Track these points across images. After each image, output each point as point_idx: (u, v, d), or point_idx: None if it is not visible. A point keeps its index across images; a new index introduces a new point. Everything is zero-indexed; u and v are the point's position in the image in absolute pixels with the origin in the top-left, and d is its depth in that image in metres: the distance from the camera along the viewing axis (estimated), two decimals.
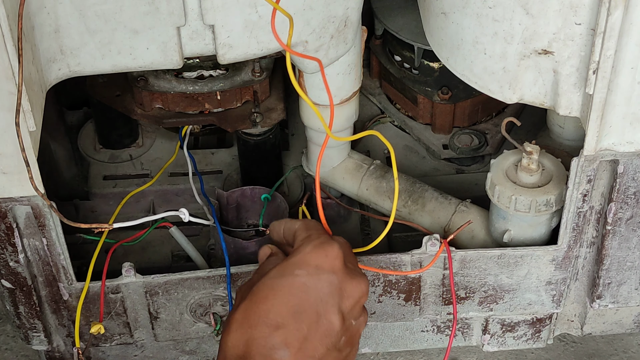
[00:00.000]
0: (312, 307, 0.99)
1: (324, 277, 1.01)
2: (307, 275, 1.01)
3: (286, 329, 0.97)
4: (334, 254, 1.03)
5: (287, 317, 0.98)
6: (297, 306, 0.99)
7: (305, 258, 1.02)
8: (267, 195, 1.34)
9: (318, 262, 1.02)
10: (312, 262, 1.01)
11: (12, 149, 1.04)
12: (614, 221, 1.20)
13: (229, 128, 1.34)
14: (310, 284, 1.00)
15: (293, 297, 0.99)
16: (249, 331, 0.97)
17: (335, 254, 1.03)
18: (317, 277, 1.01)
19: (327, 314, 1.00)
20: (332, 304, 1.00)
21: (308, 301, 0.99)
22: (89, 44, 1.05)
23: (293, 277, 1.00)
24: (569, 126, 1.32)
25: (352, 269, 1.04)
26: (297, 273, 1.01)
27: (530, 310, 1.32)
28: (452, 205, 1.31)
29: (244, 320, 0.98)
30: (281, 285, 1.00)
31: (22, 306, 1.24)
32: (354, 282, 1.03)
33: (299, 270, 1.01)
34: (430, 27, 1.17)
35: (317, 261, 1.02)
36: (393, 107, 1.53)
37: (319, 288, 1.00)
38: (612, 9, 0.96)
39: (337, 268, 1.02)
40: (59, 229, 1.15)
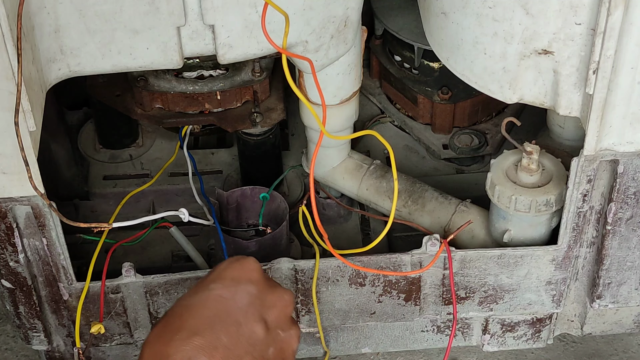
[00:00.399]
0: (231, 317, 0.96)
1: (242, 287, 0.98)
2: (223, 287, 0.98)
3: (203, 337, 0.93)
4: (250, 267, 1.00)
5: (203, 327, 0.94)
6: (214, 317, 0.95)
7: (221, 274, 0.99)
8: (266, 195, 1.34)
9: (234, 275, 0.99)
10: (227, 276, 0.99)
11: (12, 149, 1.04)
12: (614, 221, 1.20)
13: (229, 128, 1.34)
14: (226, 295, 0.97)
15: (208, 309, 0.96)
16: (162, 349, 0.93)
17: (251, 267, 1.01)
18: (234, 288, 0.98)
19: (249, 322, 0.97)
20: (252, 313, 0.97)
21: (225, 311, 0.96)
22: (89, 44, 1.05)
23: (208, 292, 0.97)
24: (569, 126, 1.32)
25: (272, 282, 1.02)
26: (211, 287, 0.98)
27: (530, 310, 1.32)
28: (452, 205, 1.31)
29: (157, 340, 0.94)
30: (196, 302, 0.96)
31: (22, 306, 1.24)
32: (276, 292, 1.01)
33: (214, 285, 0.98)
34: (430, 27, 1.17)
35: (232, 274, 0.99)
36: (393, 107, 1.53)
37: (237, 299, 0.98)
38: (612, 9, 0.96)
39: (255, 279, 1.00)
40: (59, 229, 1.15)
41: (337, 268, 1.25)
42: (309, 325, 1.31)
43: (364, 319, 1.32)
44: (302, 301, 1.28)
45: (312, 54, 1.14)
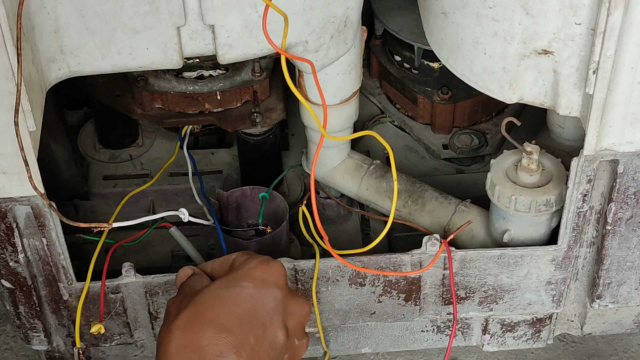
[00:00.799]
0: (259, 319, 0.99)
1: (270, 291, 1.02)
2: (254, 287, 1.01)
3: (234, 335, 0.96)
4: (278, 271, 1.04)
5: (234, 324, 0.97)
6: (244, 316, 0.98)
7: (251, 272, 1.02)
8: (265, 194, 1.34)
9: (264, 276, 1.02)
10: (257, 276, 1.02)
11: (12, 149, 1.04)
12: (614, 221, 1.20)
13: (229, 128, 1.34)
14: (256, 297, 1.00)
15: (240, 307, 0.99)
16: (194, 337, 0.95)
17: (279, 271, 1.04)
18: (264, 291, 1.01)
19: (273, 327, 1.00)
20: (277, 318, 1.01)
21: (254, 312, 0.99)
22: (89, 44, 1.05)
23: (240, 289, 1.00)
24: (569, 126, 1.32)
25: (293, 290, 1.06)
26: (243, 285, 1.01)
27: (530, 310, 1.32)
28: (452, 205, 1.31)
29: (189, 327, 0.96)
30: (228, 296, 0.99)
31: (22, 306, 1.24)
32: (298, 301, 1.05)
33: (245, 283, 1.01)
34: (430, 27, 1.17)
35: (262, 275, 1.02)
36: (393, 107, 1.53)
37: (265, 301, 1.01)
38: (612, 9, 0.96)
39: (282, 284, 1.03)
40: (59, 229, 1.15)
41: (337, 268, 1.25)
42: (309, 325, 1.31)
43: (364, 319, 1.32)
44: None
45: (312, 54, 1.14)
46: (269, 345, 0.99)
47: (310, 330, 1.33)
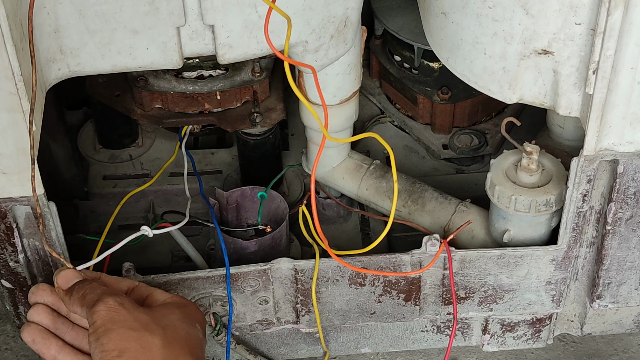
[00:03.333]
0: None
1: (205, 341, 1.09)
2: (202, 334, 1.08)
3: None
4: (204, 321, 1.12)
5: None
6: (201, 358, 1.05)
7: (197, 315, 1.09)
8: (263, 193, 1.34)
9: (203, 325, 1.09)
10: (201, 322, 1.08)
11: (12, 149, 1.04)
12: (613, 221, 1.20)
13: (228, 128, 1.34)
14: (203, 344, 1.07)
15: (200, 349, 1.05)
16: (176, 357, 1.01)
17: (204, 319, 1.12)
18: (204, 340, 1.09)
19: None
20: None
21: (202, 357, 1.06)
22: (88, 44, 1.05)
23: (196, 331, 1.06)
24: (569, 126, 1.32)
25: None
26: (197, 328, 1.07)
27: (530, 310, 1.32)
28: (452, 205, 1.31)
29: (170, 346, 1.01)
30: (193, 334, 1.05)
31: (22, 306, 1.24)
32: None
33: (198, 326, 1.07)
34: (430, 27, 1.17)
35: (202, 323, 1.09)
36: (393, 107, 1.53)
37: (204, 349, 1.07)
38: (612, 9, 0.96)
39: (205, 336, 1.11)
40: (58, 229, 1.15)
41: (337, 268, 1.25)
42: (309, 325, 1.31)
43: (363, 319, 1.32)
44: (302, 301, 1.28)
45: (312, 54, 1.14)
46: None
47: (310, 330, 1.33)
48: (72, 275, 1.09)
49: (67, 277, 1.09)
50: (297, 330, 1.35)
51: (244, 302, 1.27)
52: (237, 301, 1.27)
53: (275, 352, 1.39)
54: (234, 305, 1.26)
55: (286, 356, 1.40)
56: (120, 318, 1.01)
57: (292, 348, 1.39)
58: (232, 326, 1.28)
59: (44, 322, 1.09)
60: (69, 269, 1.09)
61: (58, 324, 1.09)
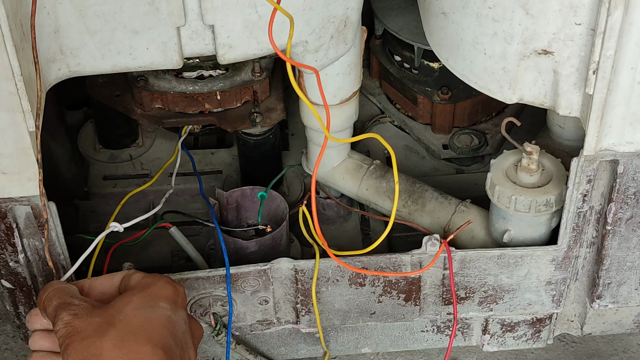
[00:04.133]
0: (178, 341, 1.00)
1: (181, 313, 1.03)
2: (170, 309, 1.01)
3: (168, 357, 0.97)
4: (183, 292, 1.05)
5: (166, 345, 0.98)
6: (170, 338, 0.99)
7: (163, 292, 1.03)
8: (263, 193, 1.34)
9: (174, 298, 1.03)
10: (170, 297, 1.02)
11: (12, 149, 1.04)
12: (613, 221, 1.20)
13: (229, 128, 1.34)
14: (173, 318, 1.01)
15: (165, 329, 0.99)
16: (132, 356, 0.96)
17: (184, 293, 1.05)
18: (177, 313, 1.02)
19: (188, 350, 1.01)
20: (188, 340, 1.02)
21: (175, 335, 1.00)
22: (88, 44, 1.05)
23: (161, 310, 1.01)
24: (569, 126, 1.32)
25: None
26: (162, 306, 1.01)
27: (530, 310, 1.32)
28: (452, 205, 1.31)
29: (123, 345, 0.96)
30: (154, 316, 0.99)
31: (22, 306, 1.24)
32: (196, 323, 1.06)
33: (163, 304, 1.01)
34: (430, 27, 1.17)
35: (173, 296, 1.03)
36: (393, 107, 1.53)
37: (179, 324, 1.01)
38: (612, 9, 0.96)
39: (185, 306, 1.05)
40: (58, 229, 1.15)
41: (337, 268, 1.25)
42: (309, 325, 1.31)
43: (364, 319, 1.32)
44: (302, 301, 1.28)
45: (312, 54, 1.14)
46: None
47: (310, 330, 1.33)
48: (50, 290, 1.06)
49: (46, 291, 1.06)
50: (297, 330, 1.35)
51: (244, 302, 1.27)
52: (237, 301, 1.27)
53: (275, 352, 1.39)
54: (234, 305, 1.26)
55: (286, 356, 1.40)
56: (74, 330, 0.98)
57: (292, 348, 1.39)
58: (232, 326, 1.28)
59: (45, 347, 1.07)
60: (49, 284, 1.06)
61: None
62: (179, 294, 1.04)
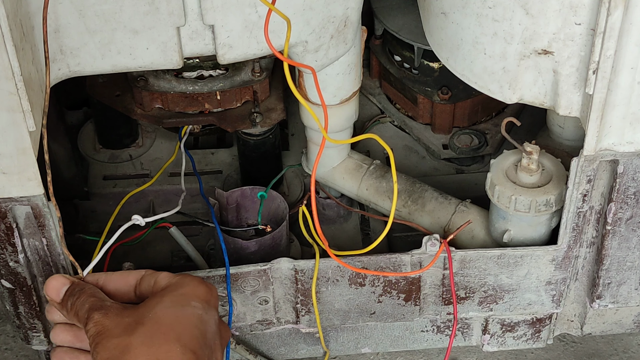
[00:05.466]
0: (208, 342, 0.99)
1: (212, 313, 1.02)
2: (202, 309, 1.01)
3: (197, 357, 0.96)
4: (216, 293, 1.04)
5: (196, 345, 0.97)
6: (200, 338, 0.98)
7: (196, 291, 1.02)
8: (263, 193, 1.34)
9: (207, 298, 1.02)
10: (203, 297, 1.02)
11: (12, 149, 1.04)
12: (613, 221, 1.20)
13: (229, 128, 1.34)
14: (205, 318, 1.00)
15: (196, 328, 0.99)
16: (162, 354, 0.95)
17: (216, 294, 1.04)
18: (209, 313, 1.01)
19: (216, 351, 1.01)
20: (217, 342, 1.01)
21: (206, 335, 0.99)
22: (88, 44, 1.05)
23: (192, 309, 1.00)
24: (569, 126, 1.32)
25: None
26: (194, 305, 1.01)
27: (530, 310, 1.32)
28: (452, 205, 1.31)
29: (152, 343, 0.96)
30: (184, 315, 0.99)
31: (22, 306, 1.24)
32: (226, 325, 1.06)
33: (195, 303, 1.01)
34: (430, 27, 1.17)
35: (206, 296, 1.02)
36: (393, 107, 1.53)
37: (210, 324, 1.01)
38: (612, 9, 0.96)
39: (217, 307, 1.04)
40: (58, 229, 1.15)
41: (337, 268, 1.25)
42: (309, 325, 1.31)
43: (363, 319, 1.32)
44: (302, 301, 1.28)
45: (312, 54, 1.14)
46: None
47: (310, 330, 1.33)
48: (58, 284, 1.06)
49: (55, 287, 1.06)
50: (297, 330, 1.35)
51: (244, 302, 1.27)
52: (237, 301, 1.27)
53: (275, 352, 1.39)
54: (234, 305, 1.26)
55: (286, 356, 1.40)
56: (104, 329, 0.99)
57: (292, 348, 1.39)
58: (232, 326, 1.28)
59: (67, 341, 1.06)
60: (53, 277, 1.07)
61: (81, 336, 1.06)
62: (212, 293, 1.03)
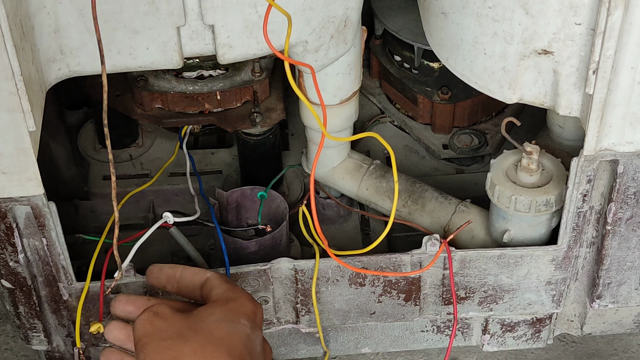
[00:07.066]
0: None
1: (258, 333, 1.02)
2: (250, 327, 1.00)
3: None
4: (261, 312, 1.04)
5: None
6: (248, 356, 0.98)
7: (245, 308, 1.02)
8: (263, 193, 1.34)
9: (254, 317, 1.02)
10: (250, 314, 1.01)
11: (12, 149, 1.04)
12: (613, 221, 1.20)
13: (229, 128, 1.34)
14: (252, 337, 1.00)
15: (244, 347, 0.98)
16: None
17: (261, 313, 1.04)
18: (256, 332, 1.01)
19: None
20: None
21: (253, 354, 0.99)
22: (89, 44, 1.05)
23: (242, 326, 1.00)
24: (569, 126, 1.32)
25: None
26: (243, 323, 1.00)
27: (530, 310, 1.32)
28: (452, 205, 1.31)
29: (204, 354, 0.95)
30: (234, 332, 0.99)
31: (22, 306, 1.24)
32: (269, 346, 1.05)
33: (244, 321, 1.00)
34: (430, 27, 1.17)
35: (253, 315, 1.02)
36: (393, 107, 1.53)
37: (256, 343, 1.01)
38: (612, 9, 0.96)
39: (261, 327, 1.04)
40: (58, 229, 1.15)
41: (337, 268, 1.25)
42: (309, 325, 1.31)
43: (363, 319, 1.32)
44: (302, 301, 1.28)
45: (312, 54, 1.14)
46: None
47: (310, 330, 1.33)
48: (156, 272, 1.10)
49: (154, 274, 1.09)
50: (297, 330, 1.35)
51: None
52: None
53: (275, 352, 1.39)
54: None
55: (286, 356, 1.40)
56: (154, 330, 0.98)
57: (292, 348, 1.39)
58: None
59: (119, 339, 1.07)
60: (155, 266, 1.09)
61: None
62: (257, 313, 1.03)
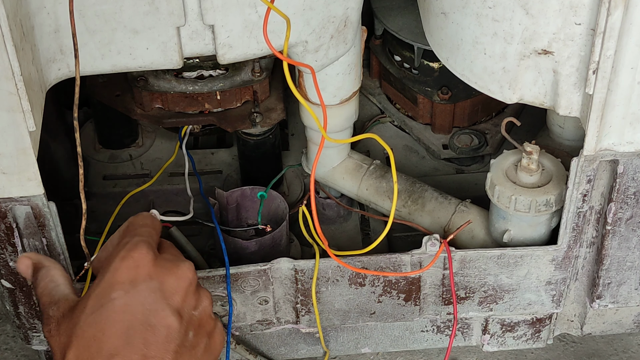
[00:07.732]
0: (143, 323, 0.92)
1: (143, 287, 0.93)
2: (125, 294, 0.92)
3: (122, 357, 0.89)
4: (142, 259, 0.95)
5: (119, 345, 0.90)
6: (126, 329, 0.91)
7: (116, 277, 0.94)
8: (263, 193, 1.34)
9: (130, 277, 0.94)
10: (124, 279, 0.93)
11: (12, 149, 1.04)
12: (613, 221, 1.20)
13: (229, 128, 1.34)
14: (131, 301, 0.92)
15: (119, 322, 0.91)
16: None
17: (143, 257, 0.95)
18: (136, 291, 0.93)
19: (160, 320, 0.92)
20: (161, 309, 0.93)
21: (135, 318, 0.91)
22: (88, 44, 1.05)
23: (111, 303, 0.92)
24: (569, 126, 1.32)
25: (167, 260, 0.96)
26: (113, 297, 0.92)
27: (530, 310, 1.32)
28: (452, 205, 1.31)
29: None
30: (103, 317, 0.91)
31: (22, 306, 1.24)
32: (173, 276, 0.95)
33: (115, 293, 0.93)
34: (430, 27, 1.17)
35: (129, 276, 0.94)
36: (393, 107, 1.53)
37: (142, 301, 0.92)
38: (612, 9, 0.96)
39: (152, 271, 0.95)
40: (58, 229, 1.15)
41: (337, 268, 1.25)
42: (309, 325, 1.31)
43: (363, 319, 1.32)
44: (302, 301, 1.28)
45: (312, 54, 1.14)
46: (163, 340, 0.91)
47: (309, 330, 1.33)
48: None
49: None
50: (297, 330, 1.35)
51: (244, 302, 1.27)
52: (237, 301, 1.27)
53: (275, 352, 1.39)
54: (234, 305, 1.26)
55: (286, 356, 1.40)
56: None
57: (292, 348, 1.39)
58: (232, 326, 1.28)
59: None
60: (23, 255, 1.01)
61: None
62: (137, 265, 0.94)
